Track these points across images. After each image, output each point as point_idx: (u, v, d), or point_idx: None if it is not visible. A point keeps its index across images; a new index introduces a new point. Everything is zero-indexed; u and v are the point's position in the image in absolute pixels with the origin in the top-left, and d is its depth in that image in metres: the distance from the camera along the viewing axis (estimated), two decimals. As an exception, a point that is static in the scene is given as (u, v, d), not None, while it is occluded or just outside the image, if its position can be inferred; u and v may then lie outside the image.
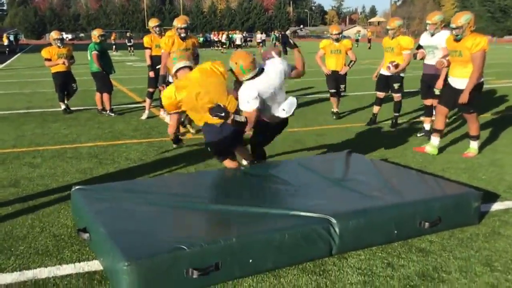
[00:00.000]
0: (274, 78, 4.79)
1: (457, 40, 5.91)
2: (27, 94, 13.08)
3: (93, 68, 9.51)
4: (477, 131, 6.25)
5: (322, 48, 9.01)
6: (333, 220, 3.44)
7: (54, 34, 9.79)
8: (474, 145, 6.33)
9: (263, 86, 4.72)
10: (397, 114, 8.19)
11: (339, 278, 3.21)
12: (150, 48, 8.76)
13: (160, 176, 5.35)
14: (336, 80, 8.93)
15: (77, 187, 4.21)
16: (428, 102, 7.31)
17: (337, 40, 8.79)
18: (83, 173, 5.67)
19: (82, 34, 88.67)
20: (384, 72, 7.91)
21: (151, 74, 8.76)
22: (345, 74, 8.98)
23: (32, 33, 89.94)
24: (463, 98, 5.89)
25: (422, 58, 7.21)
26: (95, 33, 9.64)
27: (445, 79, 6.56)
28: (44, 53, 9.70)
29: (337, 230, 3.43)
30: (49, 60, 9.72)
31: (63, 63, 9.63)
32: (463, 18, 5.82)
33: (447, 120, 8.59)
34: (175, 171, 5.72)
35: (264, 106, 4.79)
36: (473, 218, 4.03)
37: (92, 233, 3.51)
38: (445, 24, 7.11)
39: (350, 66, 8.82)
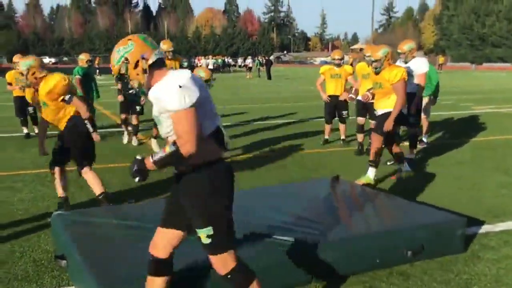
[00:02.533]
0: None
1: (376, 73, 6.02)
2: (6, 118, 12.96)
3: (77, 93, 9.47)
4: (374, 156, 6.10)
5: (322, 74, 8.95)
6: (314, 248, 3.43)
7: (14, 58, 9.38)
8: (370, 172, 6.14)
9: None
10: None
11: (321, 302, 3.21)
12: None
13: (139, 203, 5.31)
14: (334, 107, 8.80)
15: (57, 212, 4.19)
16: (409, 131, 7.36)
17: (339, 65, 8.76)
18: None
19: (65, 58, 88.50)
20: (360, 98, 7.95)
21: (120, 97, 8.82)
22: (346, 100, 8.69)
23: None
24: (388, 126, 5.91)
25: (366, 100, 7.15)
26: (83, 58, 9.55)
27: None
28: (8, 76, 9.80)
29: (318, 258, 3.41)
30: (10, 84, 9.80)
31: (20, 88, 9.36)
32: (381, 52, 5.92)
33: (427, 145, 8.71)
34: (158, 195, 5.69)
35: None
36: (458, 245, 3.99)
37: (69, 260, 3.48)
38: (423, 48, 7.27)
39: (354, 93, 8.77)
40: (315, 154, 8.16)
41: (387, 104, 6.02)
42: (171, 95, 2.39)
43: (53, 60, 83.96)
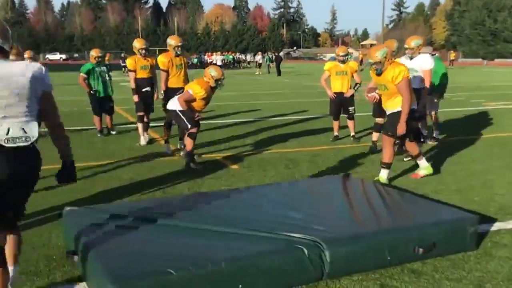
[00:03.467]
0: None
1: (378, 74, 5.89)
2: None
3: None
4: (389, 159, 6.05)
5: (328, 70, 8.89)
6: (324, 246, 3.41)
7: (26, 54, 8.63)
8: (384, 173, 6.09)
9: None
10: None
11: (332, 299, 3.20)
12: (135, 71, 8.51)
13: (150, 198, 5.33)
14: (340, 104, 8.78)
15: (68, 208, 4.21)
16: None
17: (343, 61, 8.71)
18: (75, 193, 5.65)
19: (76, 55, 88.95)
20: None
21: (136, 98, 8.54)
22: (352, 96, 8.79)
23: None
24: (401, 129, 5.82)
25: (373, 100, 7.09)
26: (92, 54, 9.57)
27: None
28: None
29: (328, 255, 3.39)
30: None
31: None
32: (379, 52, 5.75)
33: (437, 142, 8.66)
34: (167, 191, 5.71)
35: None
36: (470, 243, 3.95)
37: (80, 255, 3.50)
38: (431, 44, 7.21)
39: (355, 88, 8.72)
40: (325, 150, 8.13)
41: (395, 103, 5.92)
42: None
43: (63, 56, 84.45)
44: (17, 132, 2.75)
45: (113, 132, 9.65)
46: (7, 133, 2.71)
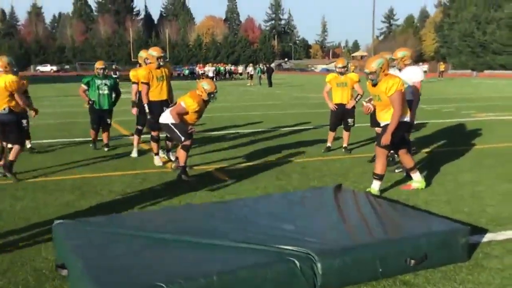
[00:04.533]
0: None
1: (373, 85, 5.93)
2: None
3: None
4: (381, 171, 6.02)
5: (328, 82, 8.93)
6: (316, 258, 3.41)
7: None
8: (375, 185, 6.05)
9: None
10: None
11: (324, 312, 3.18)
12: (137, 83, 8.26)
13: (140, 211, 5.31)
14: (341, 115, 8.77)
15: (58, 221, 4.17)
16: None
17: (342, 73, 8.71)
18: (66, 205, 5.62)
19: (67, 66, 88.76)
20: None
21: (134, 111, 8.41)
22: (353, 107, 8.81)
23: (16, 64, 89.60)
24: (385, 140, 5.85)
25: (368, 112, 7.14)
26: (96, 66, 9.36)
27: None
28: None
29: (320, 268, 3.39)
30: None
31: None
32: (375, 63, 5.78)
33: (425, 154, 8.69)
34: (158, 203, 5.68)
35: None
36: (461, 254, 3.96)
37: (70, 269, 3.47)
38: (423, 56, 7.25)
39: (356, 100, 8.73)
40: (317, 162, 8.15)
41: (389, 115, 5.94)
42: None
43: (54, 68, 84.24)
44: None
45: (106, 149, 9.25)
46: None
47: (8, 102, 6.76)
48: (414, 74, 7.11)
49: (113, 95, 9.38)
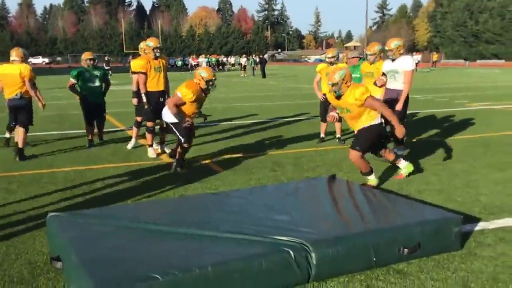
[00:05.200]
0: None
1: (337, 97, 5.81)
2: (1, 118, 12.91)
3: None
4: (365, 169, 5.95)
5: (319, 72, 8.94)
6: (311, 248, 3.42)
7: None
8: (370, 177, 6.02)
9: None
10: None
11: (319, 301, 3.20)
12: (138, 73, 8.00)
13: (135, 203, 5.30)
14: (328, 105, 8.80)
15: (52, 213, 4.16)
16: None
17: (332, 63, 8.72)
18: (60, 198, 5.60)
19: (59, 58, 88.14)
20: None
21: (135, 101, 8.34)
22: None
23: (8, 57, 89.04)
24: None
25: (382, 86, 7.30)
26: (82, 57, 9.00)
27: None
28: None
29: (314, 257, 3.40)
30: None
31: None
32: (337, 74, 5.66)
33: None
34: (152, 196, 5.68)
35: None
36: (454, 243, 3.98)
37: (64, 261, 3.47)
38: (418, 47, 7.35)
39: None
40: (311, 152, 8.16)
41: (362, 122, 5.84)
42: None
43: (46, 60, 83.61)
44: None
45: (100, 141, 9.08)
46: None
47: (20, 88, 7.78)
48: (405, 63, 7.14)
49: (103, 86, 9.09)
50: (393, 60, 7.19)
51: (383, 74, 7.35)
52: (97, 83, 8.93)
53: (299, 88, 24.19)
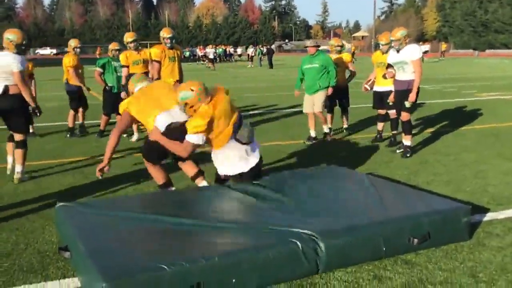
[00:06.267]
0: None
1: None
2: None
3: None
4: None
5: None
6: (319, 238, 3.40)
7: None
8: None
9: None
10: (395, 132, 7.83)
11: (326, 291, 3.21)
12: (127, 67, 8.25)
13: (142, 193, 5.32)
14: (334, 97, 8.52)
15: (60, 203, 4.18)
16: (403, 117, 7.20)
17: (338, 52, 8.71)
18: (68, 188, 5.63)
19: (66, 49, 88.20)
20: (378, 88, 7.94)
21: (123, 95, 8.14)
22: (347, 88, 8.80)
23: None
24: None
25: (392, 77, 7.23)
26: (110, 47, 8.92)
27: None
28: None
29: (323, 248, 3.38)
30: None
31: None
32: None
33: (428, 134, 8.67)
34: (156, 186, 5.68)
35: None
36: (463, 233, 3.97)
37: (72, 251, 3.49)
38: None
39: (348, 80, 8.75)
40: (318, 143, 8.14)
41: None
42: None
43: (54, 51, 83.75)
44: None
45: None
46: None
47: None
48: (412, 52, 6.98)
49: None
50: (398, 50, 7.04)
51: (390, 65, 7.23)
52: (121, 73, 8.71)
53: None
